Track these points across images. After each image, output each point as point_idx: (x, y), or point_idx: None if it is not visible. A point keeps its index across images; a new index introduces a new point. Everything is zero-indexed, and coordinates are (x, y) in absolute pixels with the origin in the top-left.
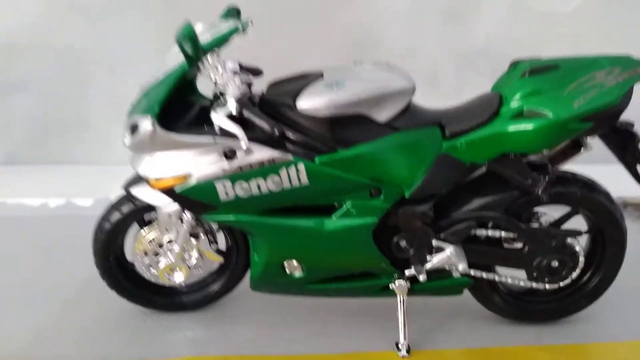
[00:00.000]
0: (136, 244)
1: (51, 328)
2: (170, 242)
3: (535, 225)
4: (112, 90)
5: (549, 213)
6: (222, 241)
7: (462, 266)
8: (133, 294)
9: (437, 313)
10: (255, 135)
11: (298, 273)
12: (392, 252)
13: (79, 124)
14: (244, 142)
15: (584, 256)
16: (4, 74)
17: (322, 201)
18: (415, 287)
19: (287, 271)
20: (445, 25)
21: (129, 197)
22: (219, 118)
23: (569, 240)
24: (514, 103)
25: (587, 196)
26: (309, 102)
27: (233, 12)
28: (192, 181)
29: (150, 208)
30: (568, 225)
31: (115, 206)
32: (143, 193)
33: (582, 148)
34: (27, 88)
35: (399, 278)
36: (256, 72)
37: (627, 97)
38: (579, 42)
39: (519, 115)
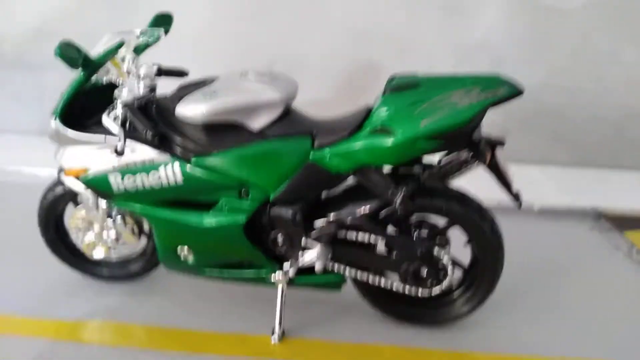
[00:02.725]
0: (70, 221)
1: (5, 282)
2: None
3: (404, 233)
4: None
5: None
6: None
7: (318, 265)
8: (72, 262)
9: (331, 305)
10: (140, 136)
11: (190, 258)
12: (271, 246)
13: None
14: (120, 142)
15: (453, 266)
16: (36, 55)
17: (200, 198)
18: (294, 280)
19: (181, 256)
20: (444, 18)
21: (60, 181)
22: (105, 119)
23: (437, 250)
24: (373, 119)
25: (452, 209)
26: (185, 109)
27: (162, 19)
28: (91, 173)
29: None
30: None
31: (51, 187)
32: (67, 179)
33: (476, 161)
34: (56, 67)
35: (278, 270)
36: (180, 74)
37: (477, 117)
38: (586, 39)
39: (374, 130)
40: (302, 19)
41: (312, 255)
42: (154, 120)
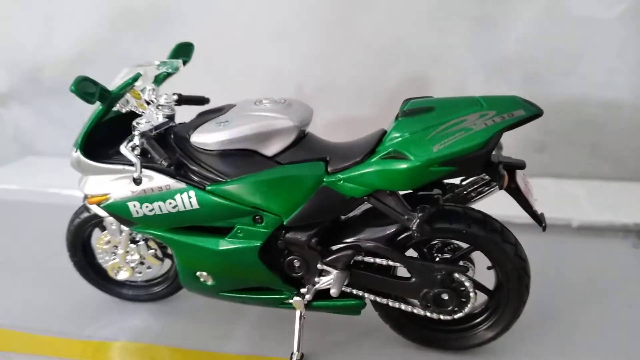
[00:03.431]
0: (97, 244)
1: (37, 302)
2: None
3: (422, 257)
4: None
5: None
6: None
7: (334, 290)
8: (99, 284)
9: (353, 328)
10: (156, 164)
11: (210, 282)
12: (287, 270)
13: None
14: (137, 171)
15: (475, 291)
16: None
17: (216, 223)
18: (312, 303)
19: (201, 279)
20: (474, 31)
21: (85, 207)
22: (123, 149)
23: (457, 275)
24: (386, 144)
25: (472, 233)
26: (199, 138)
27: (182, 49)
28: (111, 200)
29: None
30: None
31: (77, 213)
32: (91, 205)
33: (498, 186)
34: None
35: (296, 294)
36: (201, 101)
37: (492, 141)
38: (624, 49)
39: (387, 155)
40: (330, 39)
41: (328, 280)
42: (171, 148)
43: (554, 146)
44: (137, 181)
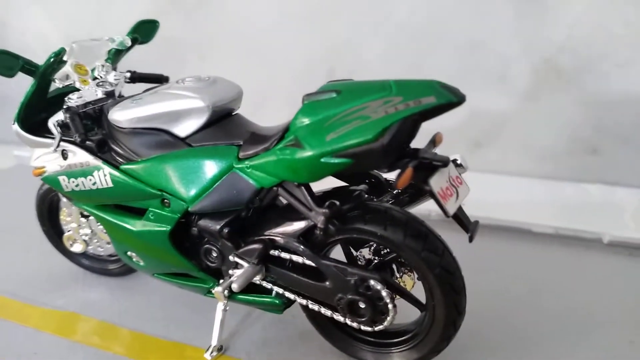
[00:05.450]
0: (61, 215)
1: (17, 267)
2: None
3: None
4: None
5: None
6: None
7: (235, 285)
8: (67, 253)
9: (291, 328)
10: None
11: (141, 263)
12: (204, 259)
13: None
14: (55, 144)
15: (394, 303)
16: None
17: (132, 204)
18: (236, 296)
19: (134, 259)
20: (519, 13)
21: None
22: (50, 123)
23: (373, 282)
24: (290, 130)
25: (387, 237)
26: (114, 115)
27: (144, 27)
28: (46, 173)
29: None
30: None
31: (42, 184)
32: None
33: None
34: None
35: (218, 285)
36: (159, 80)
37: (389, 132)
38: None
39: (289, 143)
40: (362, 19)
41: (239, 273)
42: (101, 125)
43: (608, 148)
44: (64, 156)
